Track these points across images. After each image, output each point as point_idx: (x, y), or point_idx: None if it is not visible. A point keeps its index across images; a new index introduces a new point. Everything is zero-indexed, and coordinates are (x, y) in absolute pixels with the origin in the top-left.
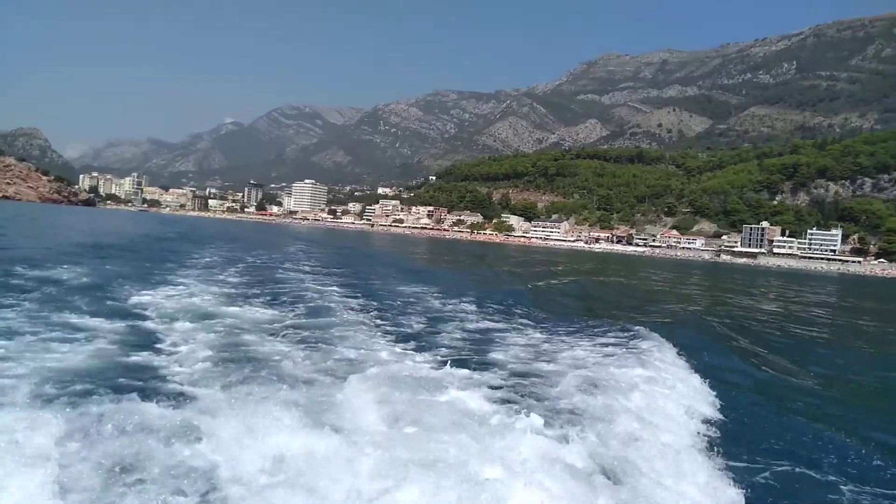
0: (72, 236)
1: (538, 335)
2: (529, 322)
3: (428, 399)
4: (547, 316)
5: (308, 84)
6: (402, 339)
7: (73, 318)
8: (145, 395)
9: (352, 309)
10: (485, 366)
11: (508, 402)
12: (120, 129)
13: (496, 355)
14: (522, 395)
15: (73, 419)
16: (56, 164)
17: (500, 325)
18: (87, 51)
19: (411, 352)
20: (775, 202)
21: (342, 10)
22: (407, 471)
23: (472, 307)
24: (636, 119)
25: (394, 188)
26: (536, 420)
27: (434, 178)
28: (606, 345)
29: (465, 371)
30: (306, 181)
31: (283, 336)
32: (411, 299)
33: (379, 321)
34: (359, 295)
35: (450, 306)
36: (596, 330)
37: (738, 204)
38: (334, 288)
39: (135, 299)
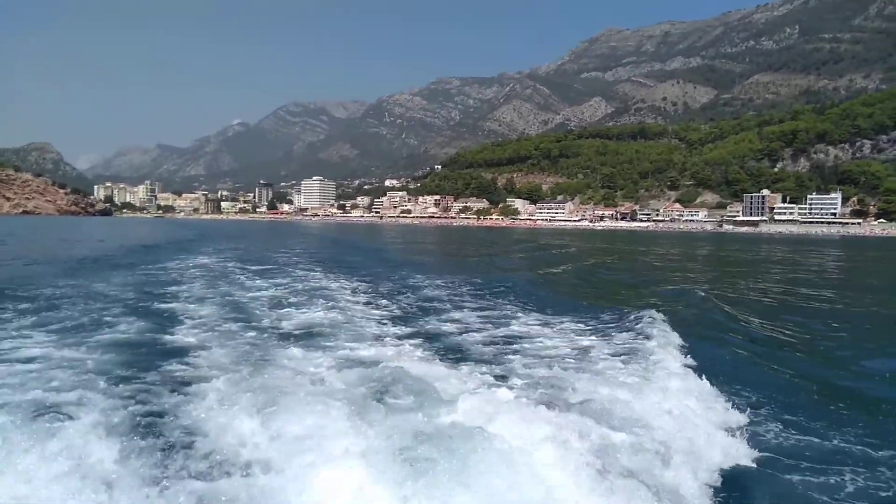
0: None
1: (534, 320)
2: (527, 306)
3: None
4: (546, 298)
5: (311, 80)
6: (397, 325)
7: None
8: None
9: (349, 295)
10: (479, 352)
11: (502, 385)
12: (129, 136)
13: (489, 341)
14: (520, 383)
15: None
16: (69, 176)
17: (494, 311)
18: (92, 63)
19: (406, 338)
20: (776, 170)
21: (338, 4)
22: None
23: (468, 292)
24: (640, 94)
25: (401, 179)
26: (531, 403)
27: (439, 167)
28: (605, 327)
29: (460, 358)
30: (314, 178)
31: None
32: (413, 286)
33: (373, 305)
34: (359, 282)
35: (448, 292)
36: (592, 311)
37: (739, 174)
38: (343, 280)
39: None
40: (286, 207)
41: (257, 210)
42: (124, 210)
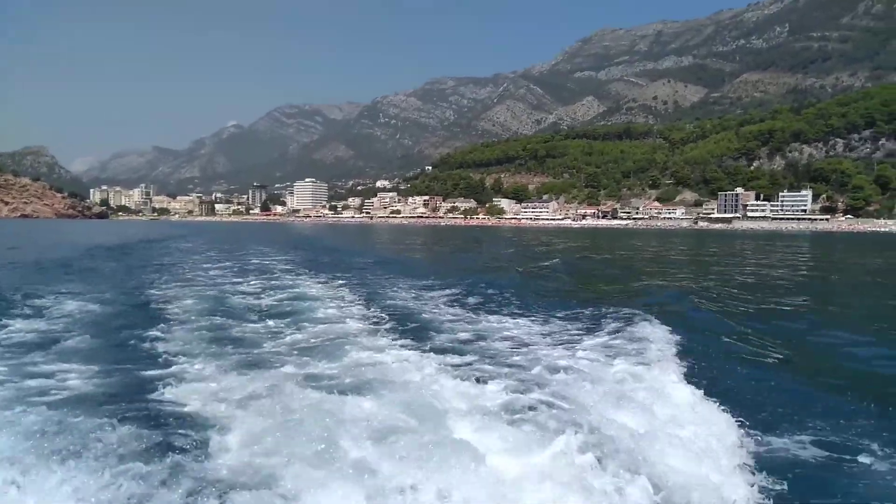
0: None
1: (517, 318)
2: (509, 305)
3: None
4: (527, 296)
5: (306, 82)
6: (384, 327)
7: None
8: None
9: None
10: (464, 352)
11: (494, 386)
12: (124, 140)
13: (474, 340)
14: (513, 387)
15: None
16: (64, 179)
17: (475, 310)
18: (87, 65)
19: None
20: (752, 168)
21: (333, 5)
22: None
23: (449, 291)
24: (632, 93)
25: (395, 180)
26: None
27: (430, 167)
28: (594, 324)
29: (445, 358)
30: (307, 180)
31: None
32: (393, 285)
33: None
34: (342, 281)
35: (429, 291)
36: (575, 307)
37: (716, 172)
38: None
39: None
40: (279, 209)
41: (251, 212)
42: (120, 213)
